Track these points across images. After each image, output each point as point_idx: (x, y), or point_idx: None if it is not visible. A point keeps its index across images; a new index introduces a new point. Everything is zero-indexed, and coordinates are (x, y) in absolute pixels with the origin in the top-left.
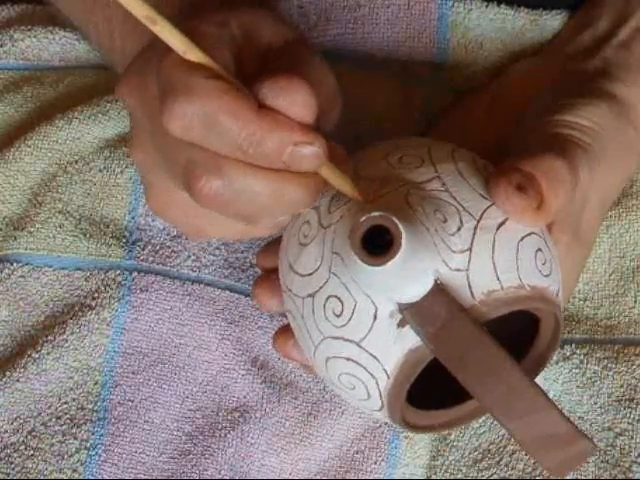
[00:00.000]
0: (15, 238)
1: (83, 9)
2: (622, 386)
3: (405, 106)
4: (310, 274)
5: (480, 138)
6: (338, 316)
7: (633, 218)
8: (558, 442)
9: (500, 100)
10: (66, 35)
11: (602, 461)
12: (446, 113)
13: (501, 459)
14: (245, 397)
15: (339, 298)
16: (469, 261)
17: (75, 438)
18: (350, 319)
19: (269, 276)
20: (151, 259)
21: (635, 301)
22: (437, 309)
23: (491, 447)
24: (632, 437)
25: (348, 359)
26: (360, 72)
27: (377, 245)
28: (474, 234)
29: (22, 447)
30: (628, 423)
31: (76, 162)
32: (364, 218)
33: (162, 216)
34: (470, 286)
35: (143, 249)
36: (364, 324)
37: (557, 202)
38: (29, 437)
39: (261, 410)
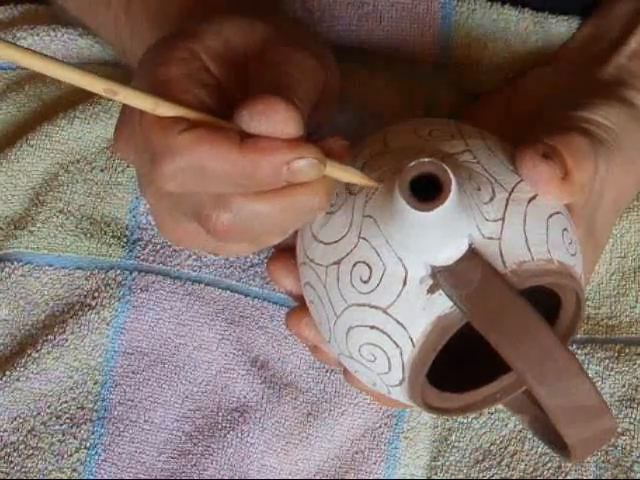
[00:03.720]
0: (16, 237)
1: (89, 8)
2: (624, 386)
3: (408, 105)
4: (337, 241)
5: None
6: (365, 282)
7: (634, 218)
8: (586, 414)
9: (516, 103)
10: (68, 32)
11: (603, 461)
12: (458, 113)
13: (502, 460)
14: (245, 397)
15: (367, 264)
16: (501, 230)
17: (75, 437)
18: (378, 285)
19: (283, 254)
20: (152, 259)
21: (636, 301)
22: (471, 273)
23: (492, 448)
24: (634, 437)
25: (373, 327)
26: (363, 71)
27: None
28: (506, 205)
29: (22, 446)
30: (630, 423)
31: (78, 162)
32: (413, 163)
33: (180, 245)
34: (502, 255)
35: (144, 249)
36: (393, 290)
37: (581, 176)
38: (29, 436)
39: (261, 410)
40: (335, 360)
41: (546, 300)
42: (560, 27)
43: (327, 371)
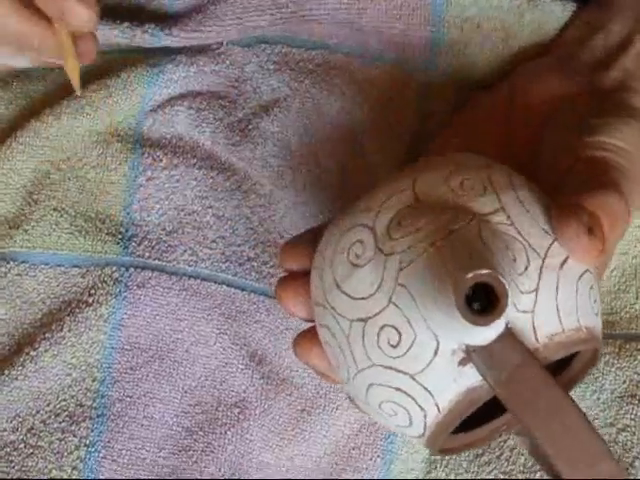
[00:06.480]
0: (11, 236)
1: None
2: (625, 382)
3: (402, 94)
4: (364, 298)
5: (497, 142)
6: (394, 347)
7: (636, 214)
8: None
9: (518, 107)
10: None
11: None
12: (456, 113)
13: (502, 454)
14: (244, 392)
15: (397, 329)
16: (535, 302)
17: (74, 435)
18: (407, 352)
19: (295, 279)
20: (147, 254)
21: (637, 297)
22: (508, 354)
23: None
24: (634, 433)
25: (398, 389)
26: (354, 63)
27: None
28: (540, 274)
29: (21, 445)
30: (630, 419)
31: (68, 159)
32: (470, 275)
33: None
34: (534, 329)
35: (139, 245)
36: (422, 359)
37: (615, 238)
38: (28, 435)
39: (260, 406)
40: (341, 384)
41: None
42: (555, 7)
43: None
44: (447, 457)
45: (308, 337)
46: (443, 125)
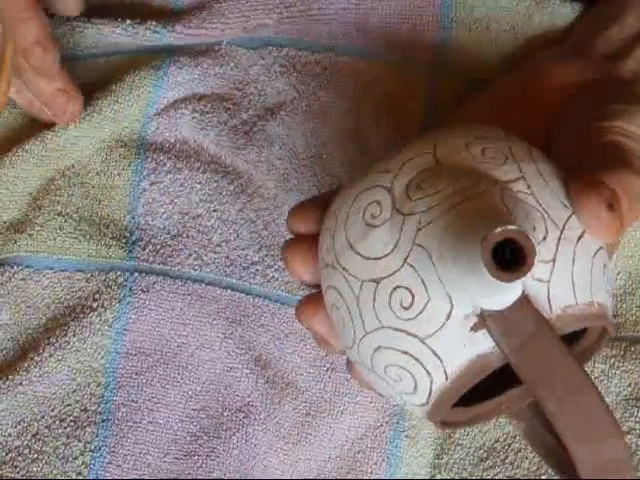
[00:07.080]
0: (15, 241)
1: None
2: (630, 385)
3: (408, 96)
4: (377, 258)
5: (509, 124)
6: (406, 309)
7: None
8: (613, 470)
9: (536, 93)
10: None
11: None
12: (461, 103)
13: (506, 457)
14: (249, 396)
15: (410, 290)
16: (551, 272)
17: (79, 440)
18: (419, 314)
19: (302, 242)
20: (152, 259)
21: None
22: (523, 321)
23: (496, 445)
24: (639, 436)
25: (405, 353)
26: (360, 65)
27: None
28: (558, 244)
29: (26, 451)
30: (635, 422)
31: (73, 166)
32: (499, 230)
33: None
34: (549, 299)
35: (144, 249)
36: (434, 322)
37: (631, 221)
38: (33, 440)
39: (265, 411)
40: (340, 352)
41: None
42: (564, 9)
43: (327, 370)
44: (451, 453)
45: (312, 302)
46: (448, 115)
